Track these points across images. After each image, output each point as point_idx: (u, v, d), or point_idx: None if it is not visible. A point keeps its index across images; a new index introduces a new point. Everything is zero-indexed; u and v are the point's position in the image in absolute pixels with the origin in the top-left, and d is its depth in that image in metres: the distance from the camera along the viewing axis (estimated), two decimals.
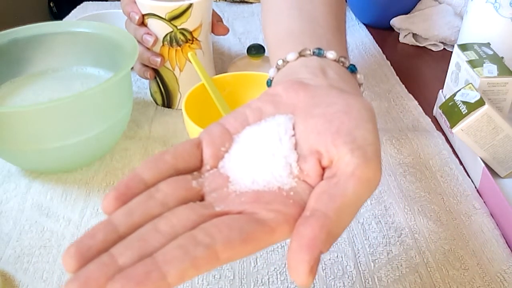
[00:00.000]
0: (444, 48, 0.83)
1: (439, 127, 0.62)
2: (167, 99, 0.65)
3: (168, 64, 0.61)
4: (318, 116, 0.30)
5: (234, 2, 1.02)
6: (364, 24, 0.91)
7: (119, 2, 0.63)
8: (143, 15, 0.58)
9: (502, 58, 0.58)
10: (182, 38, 0.59)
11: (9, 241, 0.46)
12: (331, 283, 0.42)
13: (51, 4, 2.09)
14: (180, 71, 0.62)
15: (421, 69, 0.78)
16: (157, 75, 0.63)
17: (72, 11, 0.99)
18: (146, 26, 0.59)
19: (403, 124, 0.62)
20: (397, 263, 0.44)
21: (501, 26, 0.63)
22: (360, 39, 0.85)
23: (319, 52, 0.36)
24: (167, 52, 0.60)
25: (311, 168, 0.29)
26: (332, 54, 0.36)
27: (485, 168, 0.50)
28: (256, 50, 0.66)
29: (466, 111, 0.51)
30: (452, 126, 0.52)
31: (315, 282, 0.42)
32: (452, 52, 0.61)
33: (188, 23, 0.58)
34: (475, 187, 0.52)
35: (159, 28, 0.58)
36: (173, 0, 0.56)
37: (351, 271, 0.43)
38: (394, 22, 0.87)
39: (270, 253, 0.45)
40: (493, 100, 0.55)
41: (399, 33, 0.87)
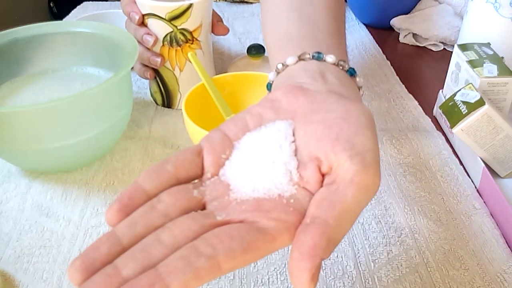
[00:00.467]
0: (444, 48, 0.83)
1: (439, 127, 0.62)
2: (167, 99, 0.65)
3: (168, 64, 0.61)
4: (317, 122, 0.30)
5: (234, 2, 1.02)
6: (364, 24, 0.91)
7: (119, 2, 0.63)
8: (143, 15, 0.58)
9: (502, 58, 0.58)
10: (182, 38, 0.59)
11: (9, 241, 0.46)
12: (331, 283, 0.42)
13: (51, 4, 2.09)
14: (180, 71, 0.62)
15: (421, 69, 0.78)
16: (157, 75, 0.63)
17: (72, 11, 0.99)
18: (146, 26, 0.59)
19: (403, 124, 0.62)
20: (397, 263, 0.44)
21: (501, 26, 0.63)
22: (360, 39, 0.85)
23: (318, 56, 0.36)
24: (167, 52, 0.60)
25: (311, 175, 0.29)
26: (331, 58, 0.36)
27: (485, 168, 0.50)
28: (256, 50, 0.66)
29: (466, 111, 0.51)
30: (452, 126, 0.52)
31: None
32: (452, 52, 0.61)
33: (188, 23, 0.58)
34: (475, 187, 0.52)
35: (159, 28, 0.58)
36: (173, 0, 0.56)
37: (351, 271, 0.43)
38: (394, 22, 0.87)
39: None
40: (493, 100, 0.55)
41: (399, 33, 0.87)
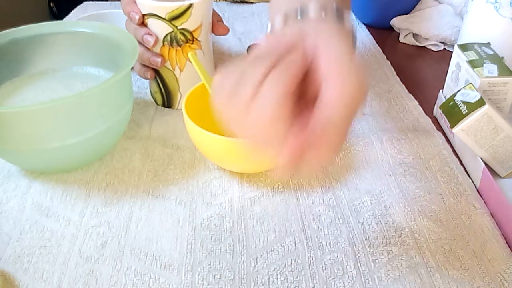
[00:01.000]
0: (444, 48, 0.83)
1: (439, 127, 0.62)
2: (167, 99, 0.65)
3: (168, 64, 0.61)
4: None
5: (234, 2, 1.02)
6: (364, 24, 0.91)
7: (119, 2, 0.63)
8: (143, 15, 0.58)
9: (502, 58, 0.58)
10: (182, 38, 0.59)
11: (9, 241, 0.46)
12: (331, 283, 0.42)
13: (51, 4, 2.09)
14: (180, 71, 0.62)
15: (421, 69, 0.78)
16: (157, 75, 0.63)
17: (72, 11, 0.99)
18: (146, 26, 0.59)
19: (403, 124, 0.62)
20: (397, 263, 0.44)
21: (501, 26, 0.63)
22: (360, 39, 0.85)
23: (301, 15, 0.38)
24: (167, 52, 0.60)
25: None
26: (312, 12, 0.37)
27: (485, 168, 0.51)
28: None
29: (466, 111, 0.51)
30: (452, 126, 0.52)
31: (315, 282, 0.42)
32: (452, 52, 0.61)
33: (188, 23, 0.58)
34: (475, 187, 0.52)
35: (159, 28, 0.58)
36: (173, 0, 0.56)
37: (351, 271, 0.43)
38: (394, 22, 0.87)
39: (270, 253, 0.45)
40: (493, 100, 0.55)
41: (399, 33, 0.87)
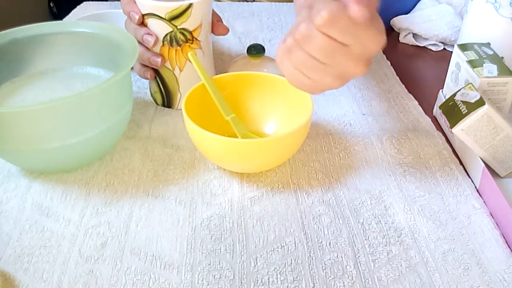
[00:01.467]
0: (444, 48, 0.83)
1: (439, 127, 0.62)
2: (167, 99, 0.65)
3: (168, 64, 0.61)
4: None
5: (234, 1, 1.02)
6: None
7: (119, 2, 0.63)
8: (143, 15, 0.58)
9: (502, 58, 0.58)
10: (182, 38, 0.59)
11: (9, 241, 0.46)
12: (331, 283, 0.42)
13: (51, 4, 2.09)
14: (180, 71, 0.62)
15: (421, 69, 0.78)
16: (157, 75, 0.63)
17: (72, 11, 0.99)
18: (146, 26, 0.59)
19: (403, 124, 0.63)
20: (397, 263, 0.44)
21: (501, 26, 0.63)
22: None
23: None
24: (167, 52, 0.60)
25: None
26: None
27: (485, 168, 0.51)
28: (256, 50, 0.66)
29: (466, 111, 0.51)
30: (452, 126, 0.52)
31: (315, 282, 0.42)
32: (452, 52, 0.61)
33: (188, 23, 0.58)
34: (475, 187, 0.52)
35: (159, 28, 0.58)
36: (173, 0, 0.56)
37: (351, 271, 0.43)
38: (394, 22, 0.87)
39: (270, 253, 0.45)
40: (493, 100, 0.55)
41: (399, 33, 0.87)
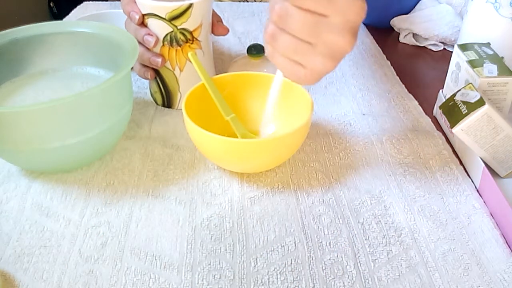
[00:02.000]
0: (444, 48, 0.83)
1: (439, 127, 0.62)
2: (167, 99, 0.65)
3: (168, 64, 0.61)
4: None
5: (234, 1, 1.02)
6: (364, 24, 0.91)
7: (119, 2, 0.63)
8: (143, 15, 0.58)
9: (502, 58, 0.58)
10: (182, 38, 0.59)
11: (9, 241, 0.46)
12: (331, 283, 0.42)
13: (51, 4, 2.09)
14: (180, 71, 0.62)
15: (421, 69, 0.78)
16: (157, 75, 0.63)
17: (72, 11, 0.99)
18: (146, 26, 0.59)
19: (403, 124, 0.63)
20: (397, 263, 0.44)
21: (501, 26, 0.63)
22: (360, 39, 0.85)
23: None
24: (167, 52, 0.60)
25: None
26: None
27: (485, 168, 0.51)
28: (256, 50, 0.66)
29: (466, 111, 0.51)
30: (452, 126, 0.52)
31: (315, 282, 0.42)
32: (452, 52, 0.61)
33: (188, 23, 0.58)
34: (475, 187, 0.52)
35: (159, 28, 0.58)
36: (173, 0, 0.56)
37: (351, 271, 0.43)
38: (394, 22, 0.87)
39: (270, 253, 0.45)
40: (493, 100, 0.55)
41: (399, 33, 0.87)
